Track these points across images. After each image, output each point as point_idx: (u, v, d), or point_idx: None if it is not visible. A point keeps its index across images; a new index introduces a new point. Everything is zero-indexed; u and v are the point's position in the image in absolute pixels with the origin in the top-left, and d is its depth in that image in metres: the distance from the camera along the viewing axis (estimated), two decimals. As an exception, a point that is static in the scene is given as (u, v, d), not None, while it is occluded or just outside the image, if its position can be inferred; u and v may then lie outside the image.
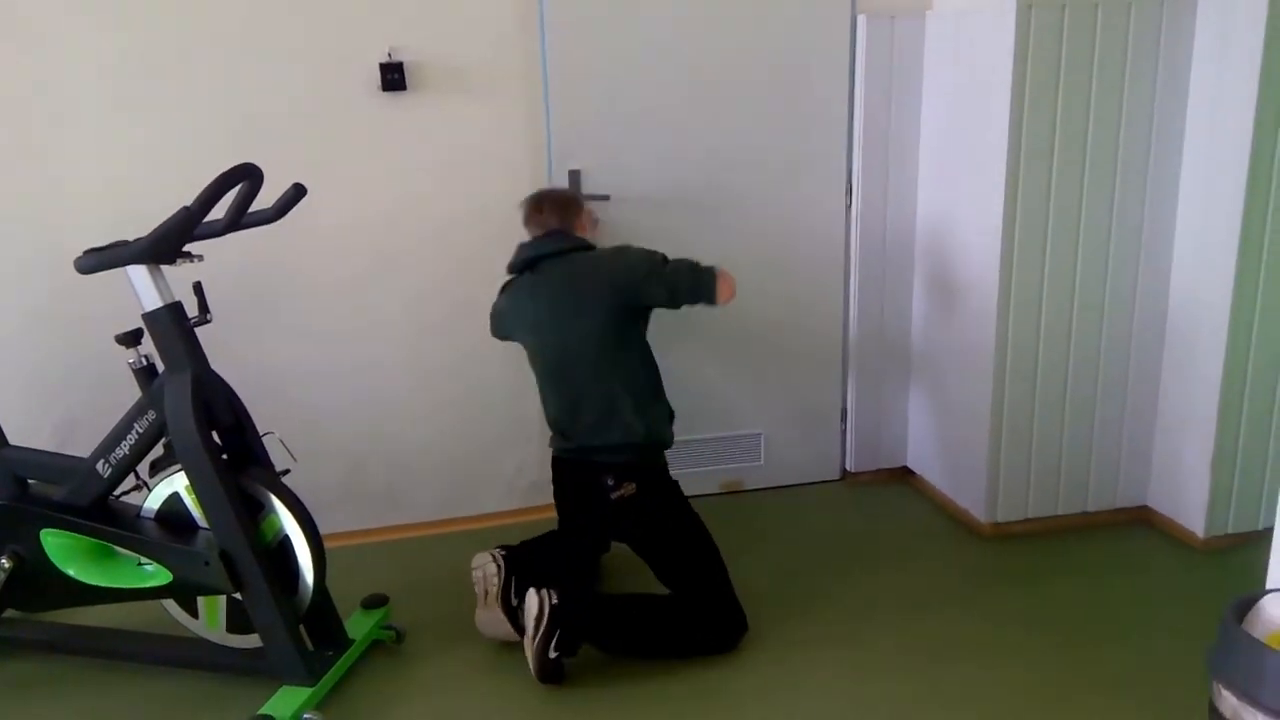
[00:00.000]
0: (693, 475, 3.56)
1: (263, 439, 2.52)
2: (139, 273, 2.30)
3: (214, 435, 2.38)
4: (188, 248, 2.35)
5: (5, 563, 2.48)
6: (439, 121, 3.11)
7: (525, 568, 2.64)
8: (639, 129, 3.24)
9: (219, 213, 2.35)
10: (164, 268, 2.33)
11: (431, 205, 3.18)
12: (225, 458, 2.40)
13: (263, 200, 2.41)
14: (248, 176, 2.30)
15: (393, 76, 3.01)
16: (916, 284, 3.53)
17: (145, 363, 2.47)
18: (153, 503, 2.48)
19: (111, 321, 2.51)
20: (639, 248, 2.70)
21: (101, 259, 2.30)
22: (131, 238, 2.34)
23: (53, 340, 3.05)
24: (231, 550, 2.34)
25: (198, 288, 2.45)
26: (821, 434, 3.68)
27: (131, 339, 2.44)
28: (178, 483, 2.43)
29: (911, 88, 3.35)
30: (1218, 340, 2.95)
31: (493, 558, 2.63)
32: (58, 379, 3.07)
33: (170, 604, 2.53)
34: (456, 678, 2.57)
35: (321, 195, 2.81)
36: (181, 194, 2.34)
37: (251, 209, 2.40)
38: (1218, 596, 2.75)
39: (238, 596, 2.40)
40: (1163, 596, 2.86)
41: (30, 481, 2.58)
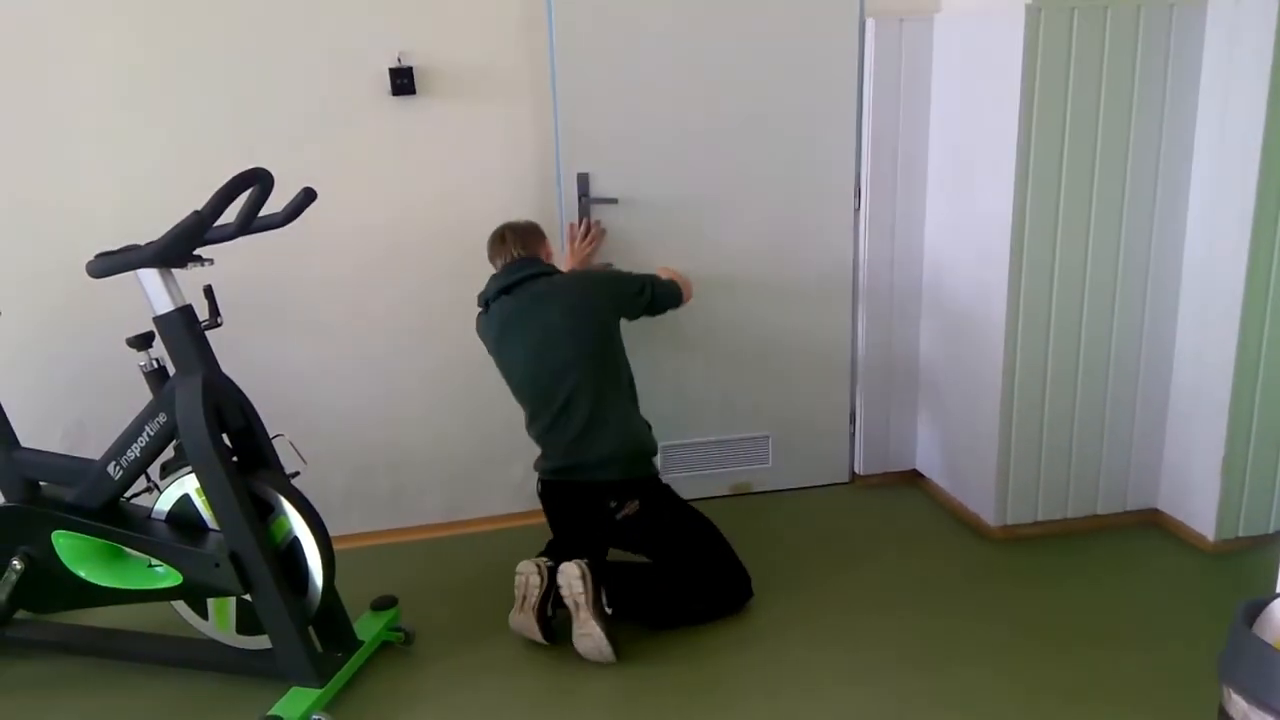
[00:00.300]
0: (701, 478, 3.57)
1: (273, 441, 2.54)
2: (150, 276, 2.32)
3: (224, 438, 2.40)
4: (199, 251, 2.36)
5: (17, 564, 2.50)
6: (448, 126, 3.12)
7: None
8: (647, 133, 3.24)
9: (230, 217, 2.36)
10: (175, 271, 2.35)
11: (441, 209, 3.18)
12: (235, 460, 2.42)
13: (273, 204, 2.43)
14: (258, 181, 2.31)
15: (402, 81, 3.02)
16: (925, 287, 3.52)
17: (156, 365, 2.48)
18: (163, 505, 2.49)
19: (123, 325, 2.53)
20: (612, 271, 2.86)
21: (113, 263, 2.31)
22: (143, 242, 2.35)
23: (64, 343, 3.07)
24: (241, 552, 2.35)
25: (208, 291, 2.46)
26: (830, 437, 3.68)
27: (142, 342, 2.46)
28: (188, 485, 2.44)
29: (920, 90, 3.34)
30: (1228, 343, 2.94)
31: (538, 568, 2.64)
32: (69, 382, 3.09)
33: (180, 605, 2.54)
34: (465, 679, 2.57)
35: (331, 199, 2.82)
36: (192, 198, 2.35)
37: (262, 213, 2.42)
38: (1228, 600, 2.75)
39: (247, 598, 2.41)
40: (1172, 600, 2.85)
41: (42, 483, 2.59)
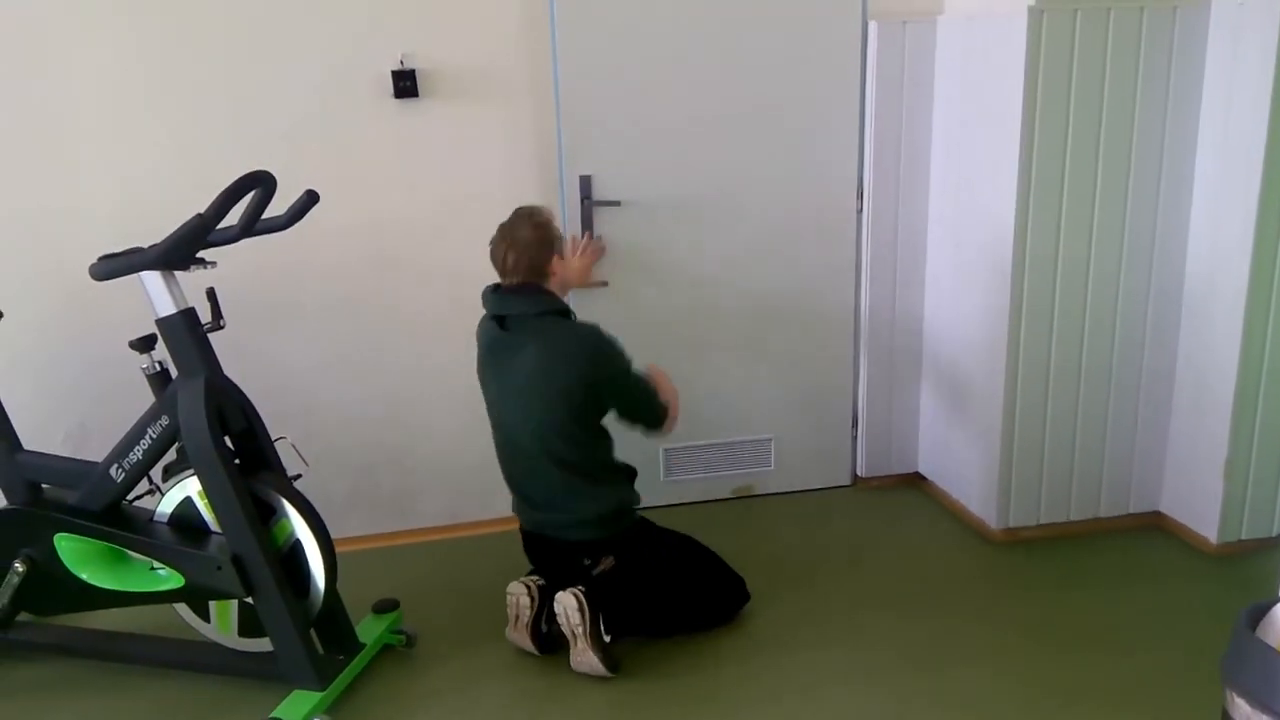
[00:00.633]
0: (704, 480, 3.57)
1: (275, 444, 2.54)
2: (153, 279, 2.32)
3: (226, 440, 2.40)
4: (201, 254, 2.37)
5: (19, 566, 2.50)
6: (450, 129, 3.12)
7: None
8: (649, 134, 3.24)
9: (232, 219, 2.36)
10: (178, 274, 2.35)
11: (444, 211, 3.18)
12: (238, 462, 2.42)
13: (275, 207, 2.43)
14: (261, 183, 2.32)
15: (405, 84, 3.02)
16: (928, 289, 3.52)
17: (159, 368, 2.49)
18: (165, 507, 2.49)
19: (125, 327, 2.53)
20: (616, 352, 2.59)
21: (116, 265, 2.32)
22: (145, 244, 2.35)
23: (67, 346, 3.07)
24: (243, 554, 2.35)
25: (211, 294, 2.46)
26: (833, 439, 3.67)
27: (145, 344, 2.46)
28: (190, 487, 2.44)
29: (923, 92, 3.34)
30: (1231, 345, 2.93)
31: (528, 589, 2.63)
32: (71, 384, 3.09)
33: (182, 608, 2.54)
34: (467, 682, 2.57)
35: (334, 202, 2.82)
36: (195, 201, 2.35)
37: (264, 216, 2.42)
38: (1231, 603, 2.75)
39: (249, 601, 2.41)
40: (1175, 603, 2.84)
41: (44, 486, 2.59)
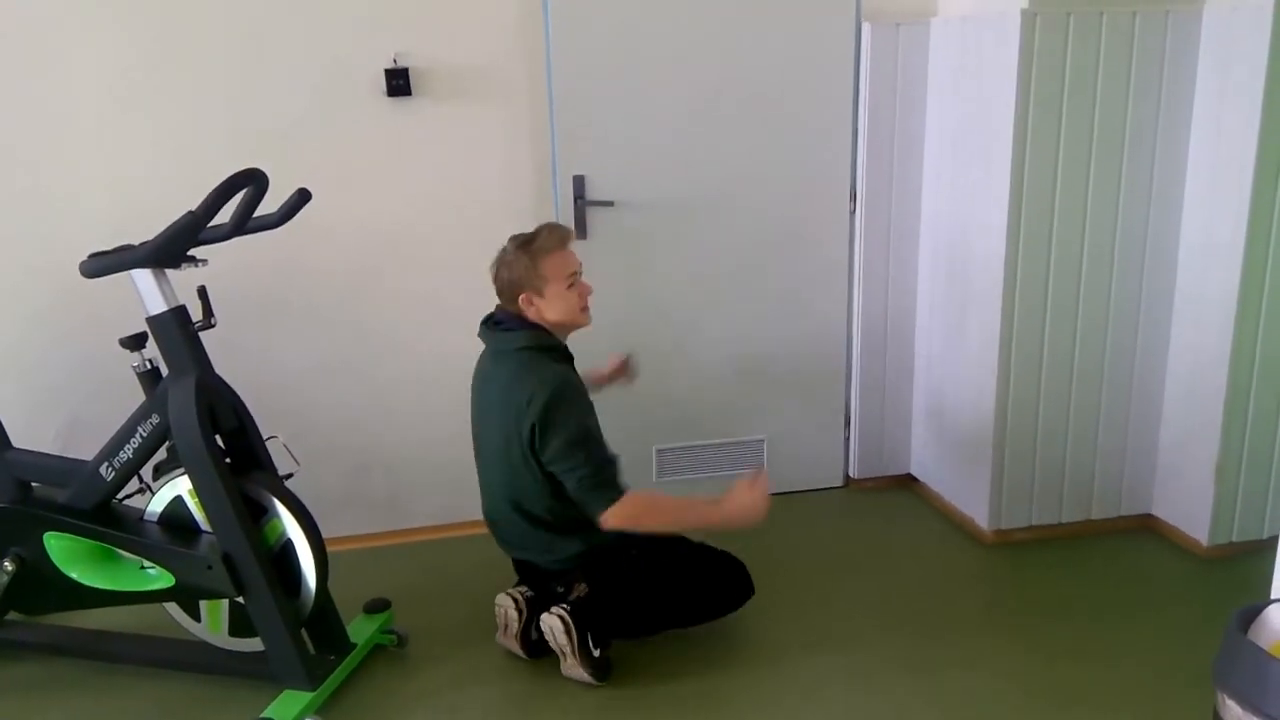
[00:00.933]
0: (696, 481, 3.56)
1: (266, 443, 2.53)
2: (144, 276, 2.31)
3: (217, 439, 2.39)
4: (192, 252, 2.36)
5: (8, 565, 2.48)
6: (444, 127, 3.11)
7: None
8: (643, 134, 3.24)
9: (224, 217, 2.35)
10: (169, 272, 2.34)
11: (436, 211, 3.18)
12: (228, 461, 2.41)
13: (268, 205, 2.42)
14: (253, 181, 2.30)
15: (398, 82, 3.02)
16: (920, 291, 3.53)
17: (149, 366, 2.47)
18: (156, 506, 2.48)
19: (116, 325, 2.52)
20: (570, 425, 2.41)
21: (106, 263, 2.30)
22: (136, 242, 2.34)
23: (57, 343, 3.05)
24: (234, 554, 2.34)
25: (202, 292, 2.45)
26: (825, 440, 3.68)
27: (135, 342, 2.44)
28: (181, 486, 2.43)
29: (916, 94, 3.35)
30: (1222, 348, 2.94)
31: (515, 601, 2.61)
32: (62, 382, 3.08)
33: (173, 607, 2.53)
34: (459, 682, 2.56)
35: (326, 200, 2.81)
36: (186, 198, 2.34)
37: (256, 214, 2.41)
38: (1222, 605, 2.74)
39: (240, 600, 2.40)
40: (1166, 605, 2.85)
41: (33, 484, 2.58)
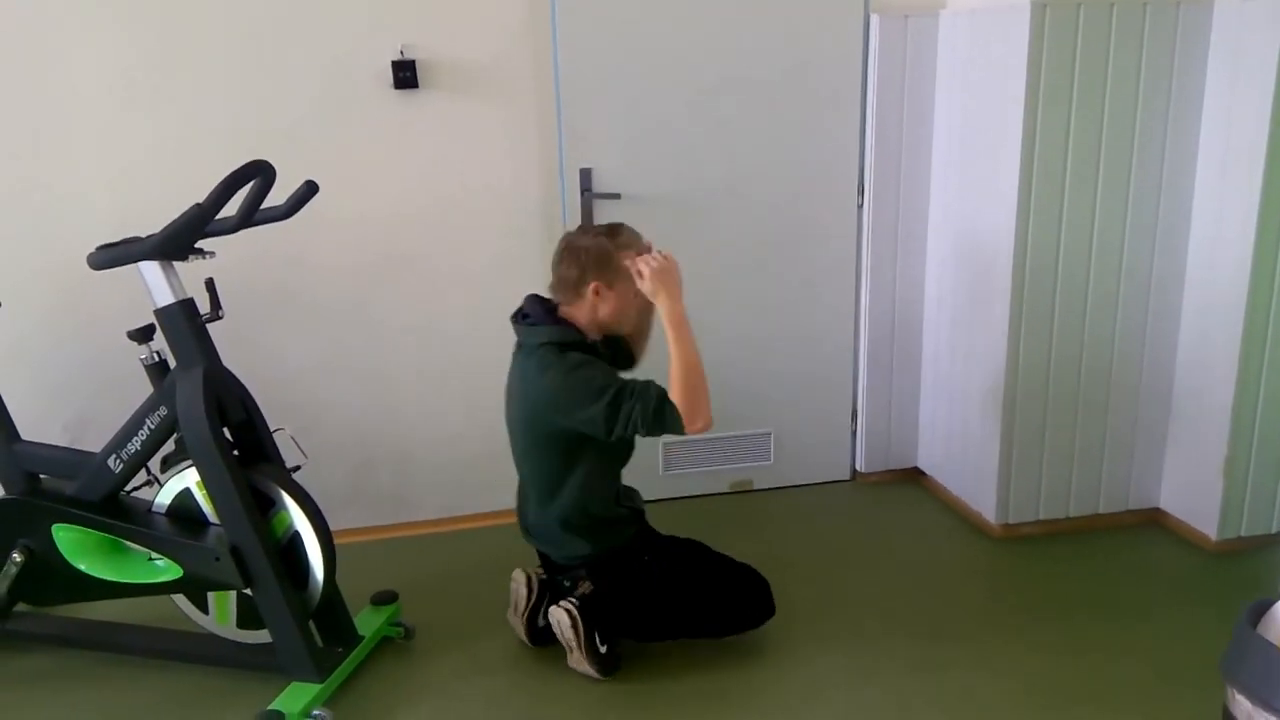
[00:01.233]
0: (702, 474, 3.56)
1: (274, 435, 2.53)
2: (151, 269, 2.31)
3: (225, 431, 2.39)
4: (200, 244, 2.35)
5: (17, 557, 2.49)
6: (451, 120, 3.11)
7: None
8: (650, 127, 3.23)
9: (231, 209, 2.35)
10: (176, 264, 2.34)
11: (442, 203, 3.17)
12: (236, 454, 2.41)
13: (275, 197, 2.42)
14: (260, 173, 2.30)
15: (405, 74, 3.01)
16: (928, 284, 3.51)
17: (157, 359, 2.48)
18: (164, 498, 2.48)
19: (124, 317, 2.52)
20: (576, 401, 2.35)
21: (114, 255, 2.31)
22: (144, 234, 2.34)
23: (65, 336, 3.06)
24: (242, 546, 2.35)
25: (209, 284, 2.45)
26: (832, 434, 3.67)
27: (143, 335, 2.45)
28: (189, 478, 2.44)
29: (924, 87, 3.33)
30: (1232, 341, 2.93)
31: (527, 579, 2.64)
32: (70, 374, 3.08)
33: (181, 599, 2.54)
34: (465, 675, 2.57)
35: (333, 192, 2.81)
36: (193, 191, 2.34)
37: (263, 206, 2.41)
38: (1231, 600, 2.75)
39: (248, 592, 2.41)
40: (1175, 600, 2.84)
41: (42, 476, 2.58)
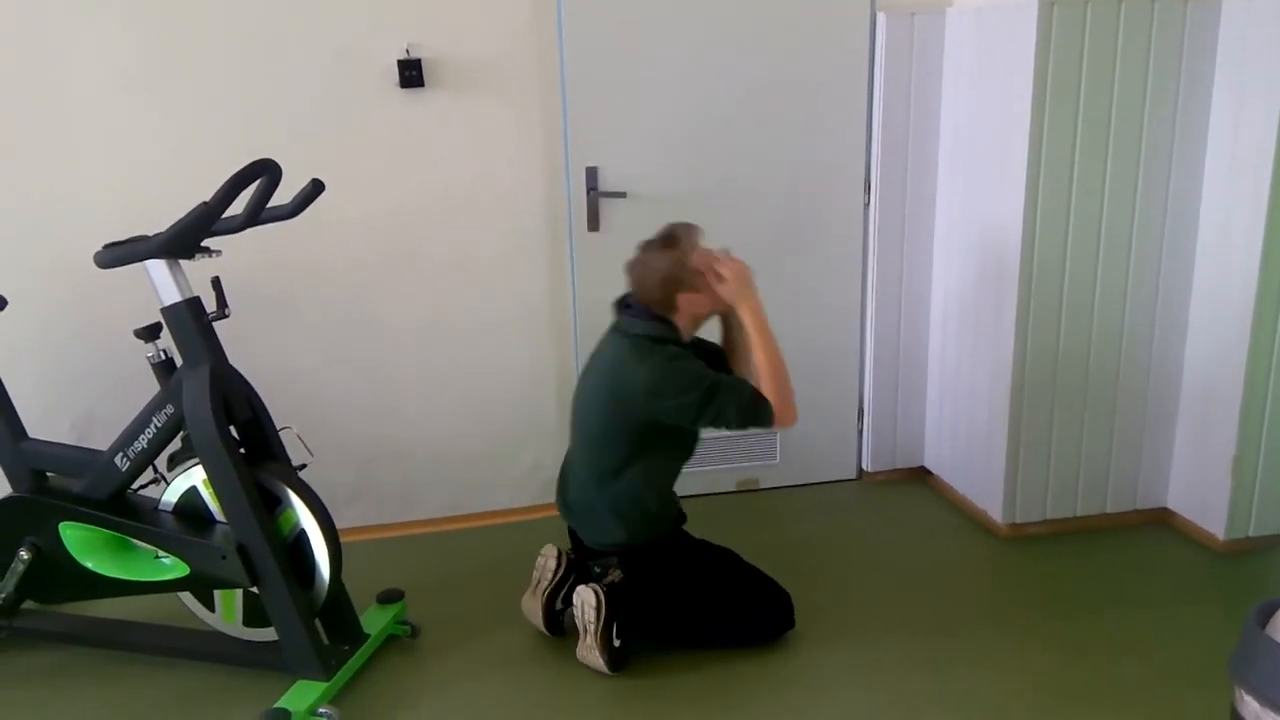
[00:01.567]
0: (709, 473, 3.56)
1: (280, 434, 2.53)
2: (158, 267, 2.31)
3: (231, 429, 2.39)
4: (206, 243, 2.36)
5: (24, 554, 2.50)
6: (457, 118, 3.11)
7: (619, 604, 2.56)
8: (656, 126, 3.23)
9: (237, 208, 2.36)
10: (182, 263, 2.34)
11: (448, 202, 3.18)
12: (242, 452, 2.41)
13: (281, 196, 2.42)
14: (266, 172, 2.31)
15: (410, 73, 3.01)
16: (935, 283, 3.51)
17: (164, 357, 2.48)
18: (170, 496, 2.49)
19: (130, 316, 2.53)
20: (668, 391, 2.40)
21: (120, 253, 2.31)
22: (150, 233, 2.35)
23: (72, 334, 3.07)
24: (248, 544, 2.35)
25: (216, 283, 2.45)
26: (838, 433, 3.66)
27: (150, 333, 2.45)
28: (195, 476, 2.44)
29: (931, 85, 3.32)
30: (1240, 340, 2.92)
31: (557, 554, 2.67)
32: (77, 373, 3.09)
33: (187, 597, 2.54)
34: (471, 673, 2.57)
35: (339, 191, 2.82)
36: (199, 190, 2.35)
37: (269, 205, 2.41)
38: (1239, 600, 2.74)
39: (254, 590, 2.41)
40: (1182, 600, 2.83)
41: (49, 474, 2.59)
